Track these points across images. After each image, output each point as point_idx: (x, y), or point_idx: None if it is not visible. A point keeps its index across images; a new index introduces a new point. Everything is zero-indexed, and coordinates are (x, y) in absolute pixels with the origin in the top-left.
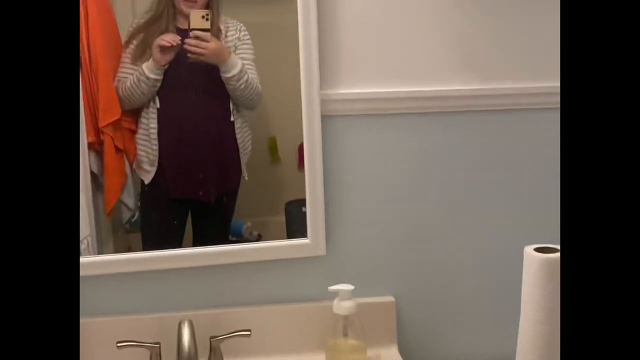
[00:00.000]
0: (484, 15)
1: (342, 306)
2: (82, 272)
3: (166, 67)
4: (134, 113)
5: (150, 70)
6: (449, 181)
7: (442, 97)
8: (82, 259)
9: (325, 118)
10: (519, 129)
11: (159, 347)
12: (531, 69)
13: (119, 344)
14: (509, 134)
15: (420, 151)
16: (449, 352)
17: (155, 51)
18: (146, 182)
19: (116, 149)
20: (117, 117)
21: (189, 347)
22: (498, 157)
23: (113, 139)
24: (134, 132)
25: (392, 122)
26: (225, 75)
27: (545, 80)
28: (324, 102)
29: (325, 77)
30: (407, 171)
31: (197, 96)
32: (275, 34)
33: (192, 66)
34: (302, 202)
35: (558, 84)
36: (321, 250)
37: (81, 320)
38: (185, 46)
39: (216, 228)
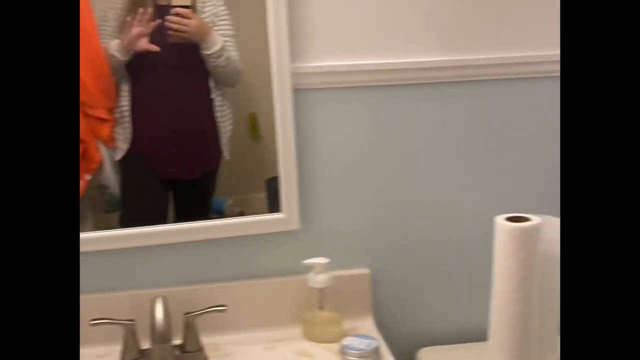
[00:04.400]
0: None
1: (317, 279)
2: None
3: (133, 53)
4: (106, 100)
5: (116, 50)
6: (423, 153)
7: (415, 69)
8: None
9: (297, 91)
10: (490, 100)
11: (134, 324)
12: (501, 40)
13: (92, 322)
14: (480, 106)
15: (394, 124)
16: (425, 322)
17: (129, 39)
18: (116, 158)
19: None
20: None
21: (162, 324)
22: (469, 129)
23: None
24: (105, 120)
25: (365, 95)
26: (206, 52)
27: (517, 50)
28: (295, 75)
29: (297, 49)
30: (381, 144)
31: (174, 73)
32: (252, 7)
33: (169, 44)
34: None
35: (529, 53)
36: (295, 224)
37: None
38: (167, 23)
39: (197, 206)
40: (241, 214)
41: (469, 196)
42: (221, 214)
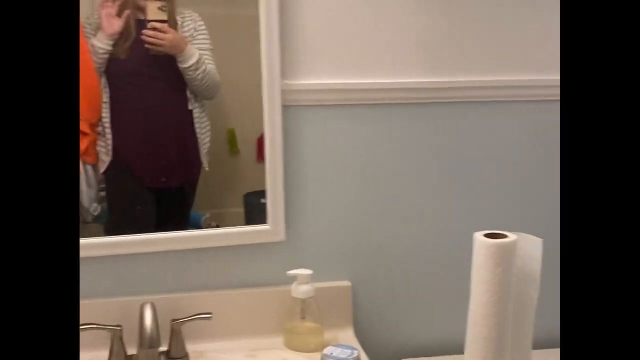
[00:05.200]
0: (443, 10)
1: (300, 290)
2: None
3: (115, 37)
4: (91, 114)
5: (99, 40)
6: (404, 170)
7: (398, 90)
8: None
9: (286, 108)
10: (471, 121)
11: (121, 330)
12: (484, 63)
13: (81, 327)
14: (462, 126)
15: (376, 141)
16: (404, 335)
17: (103, 20)
18: (101, 171)
19: None
20: None
21: (152, 329)
22: (451, 148)
23: None
24: (85, 134)
25: (350, 113)
26: (183, 66)
27: (501, 74)
28: (285, 92)
29: (287, 67)
30: (364, 161)
31: (154, 85)
32: (233, 25)
33: (148, 56)
34: (261, 194)
35: (508, 77)
36: (281, 236)
37: None
38: (143, 37)
39: (178, 216)
40: (217, 228)
41: (450, 213)
42: (198, 228)
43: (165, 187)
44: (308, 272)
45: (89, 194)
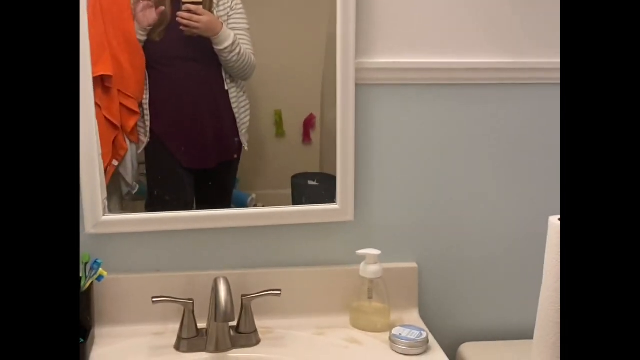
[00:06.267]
0: None
1: (369, 270)
2: (114, 230)
3: (149, 28)
4: (140, 94)
5: (135, 32)
6: (475, 152)
7: (471, 70)
8: (120, 216)
9: (357, 86)
10: (545, 103)
11: (192, 303)
12: (558, 45)
13: (154, 299)
14: (535, 108)
15: (448, 122)
16: (468, 318)
17: (137, 12)
18: (138, 151)
19: (106, 120)
20: (104, 73)
21: (226, 303)
22: (524, 129)
23: (102, 108)
24: (133, 112)
25: (422, 92)
26: (218, 48)
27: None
28: (357, 70)
29: (359, 45)
30: (434, 141)
31: (189, 66)
32: (281, 7)
33: (183, 37)
34: (308, 175)
35: None
36: (349, 215)
37: (117, 276)
38: (178, 19)
39: (217, 195)
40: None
41: (520, 196)
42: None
43: (203, 166)
44: (376, 251)
45: (132, 172)
